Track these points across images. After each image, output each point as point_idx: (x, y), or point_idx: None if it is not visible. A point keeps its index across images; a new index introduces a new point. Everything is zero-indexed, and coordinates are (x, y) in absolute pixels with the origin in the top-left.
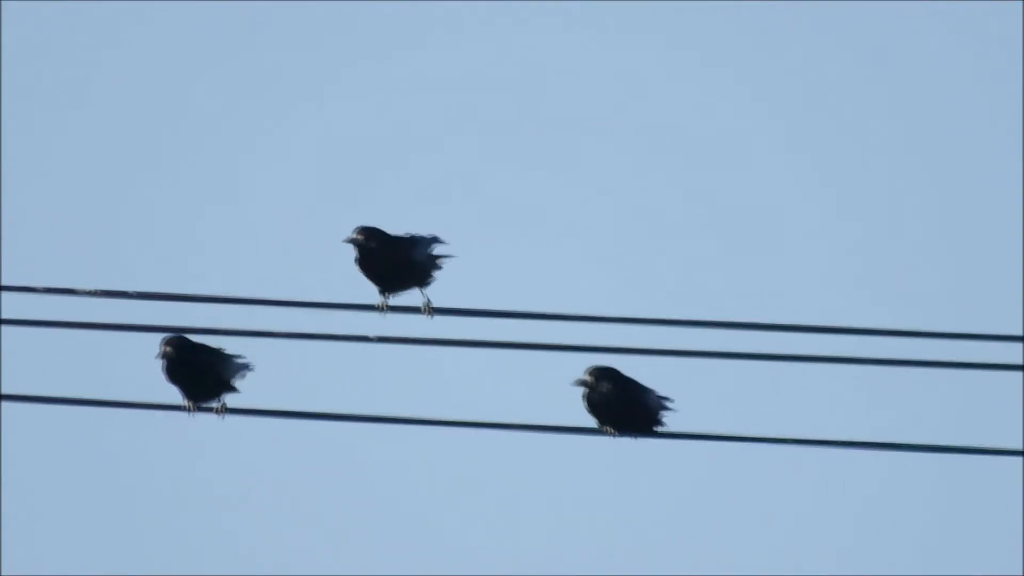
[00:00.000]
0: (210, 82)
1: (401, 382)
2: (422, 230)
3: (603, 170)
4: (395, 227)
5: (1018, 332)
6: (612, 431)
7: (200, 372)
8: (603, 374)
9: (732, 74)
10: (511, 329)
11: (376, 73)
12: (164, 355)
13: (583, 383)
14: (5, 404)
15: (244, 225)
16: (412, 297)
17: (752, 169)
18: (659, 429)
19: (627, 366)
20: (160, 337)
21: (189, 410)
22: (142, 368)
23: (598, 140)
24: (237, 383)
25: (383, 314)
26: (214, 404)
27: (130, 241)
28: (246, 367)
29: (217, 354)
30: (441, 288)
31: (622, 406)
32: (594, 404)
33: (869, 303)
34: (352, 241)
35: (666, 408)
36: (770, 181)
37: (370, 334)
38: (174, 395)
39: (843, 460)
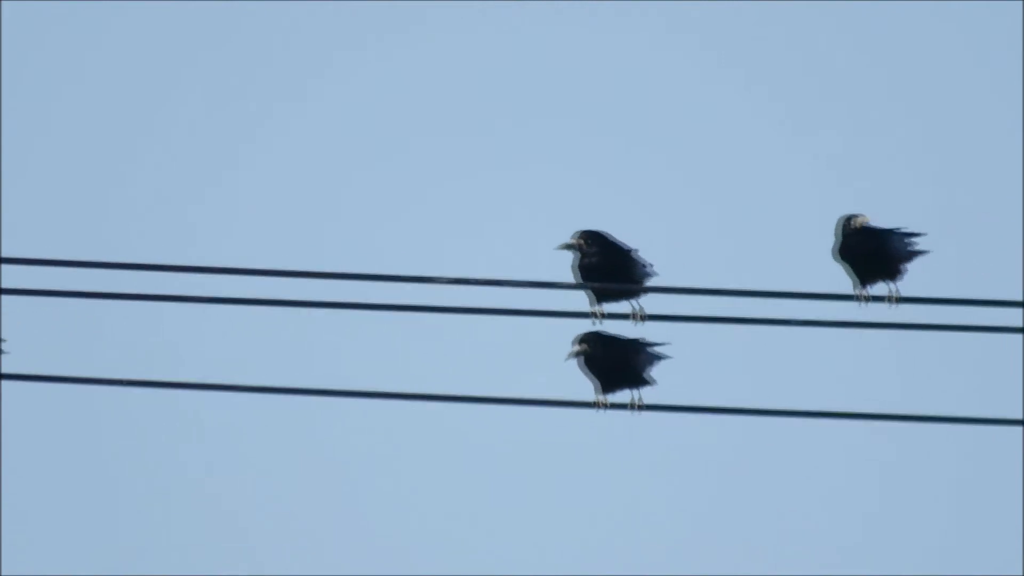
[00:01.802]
0: (204, 76)
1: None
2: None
3: (603, 160)
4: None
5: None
6: None
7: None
8: None
9: (732, 61)
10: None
11: (372, 63)
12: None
13: None
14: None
15: (241, 218)
16: None
17: (754, 155)
18: None
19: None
20: None
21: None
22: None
23: (596, 129)
24: None
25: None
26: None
27: (124, 229)
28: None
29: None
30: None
31: None
32: None
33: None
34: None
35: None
36: (773, 166)
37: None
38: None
39: (841, 456)
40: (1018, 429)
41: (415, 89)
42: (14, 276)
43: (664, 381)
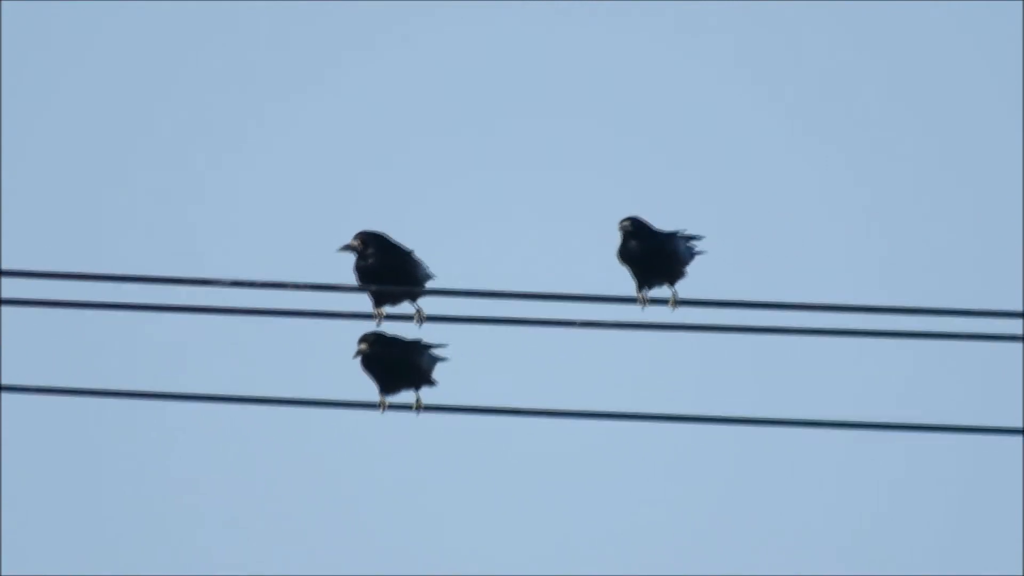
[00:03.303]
0: (203, 75)
1: None
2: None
3: (601, 156)
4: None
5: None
6: None
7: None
8: None
9: (732, 57)
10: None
11: (365, 63)
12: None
13: None
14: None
15: (239, 215)
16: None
17: (749, 149)
18: None
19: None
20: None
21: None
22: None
23: (593, 125)
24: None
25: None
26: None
27: (123, 231)
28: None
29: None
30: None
31: None
32: None
33: (873, 284)
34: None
35: None
36: (769, 161)
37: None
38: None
39: (840, 454)
40: (1013, 438)
41: (413, 89)
42: (13, 287)
43: (445, 382)
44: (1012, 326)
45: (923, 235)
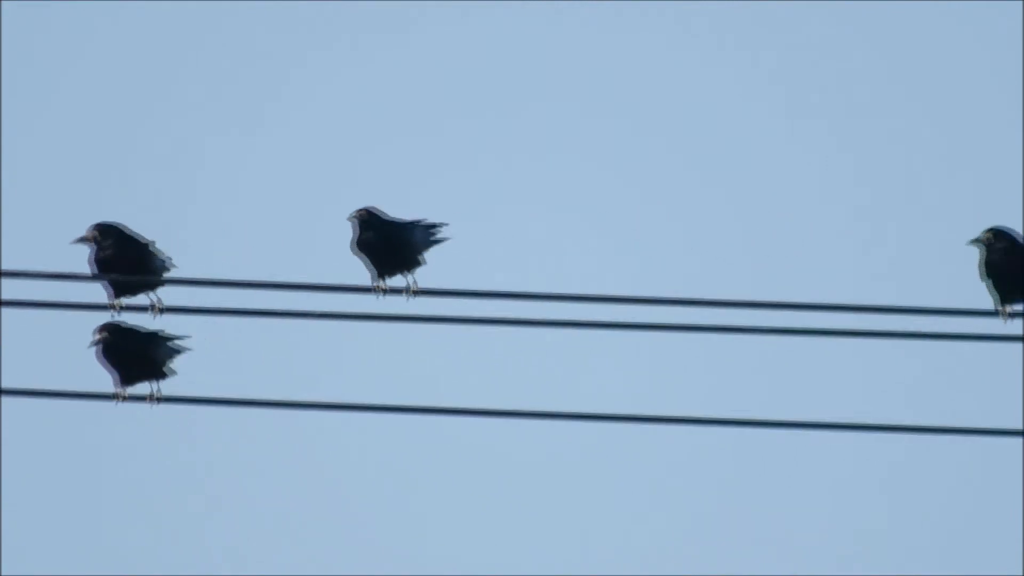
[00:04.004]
0: (203, 74)
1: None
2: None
3: (605, 149)
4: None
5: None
6: None
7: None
8: None
9: (732, 56)
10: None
11: (365, 63)
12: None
13: None
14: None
15: (237, 214)
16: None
17: (748, 149)
18: None
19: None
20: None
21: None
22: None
23: (592, 124)
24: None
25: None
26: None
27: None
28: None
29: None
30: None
31: None
32: None
33: (874, 283)
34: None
35: None
36: (775, 161)
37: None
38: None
39: (840, 453)
40: (1014, 440)
41: (413, 89)
42: (13, 288)
43: (185, 373)
44: (1012, 326)
45: (922, 234)
